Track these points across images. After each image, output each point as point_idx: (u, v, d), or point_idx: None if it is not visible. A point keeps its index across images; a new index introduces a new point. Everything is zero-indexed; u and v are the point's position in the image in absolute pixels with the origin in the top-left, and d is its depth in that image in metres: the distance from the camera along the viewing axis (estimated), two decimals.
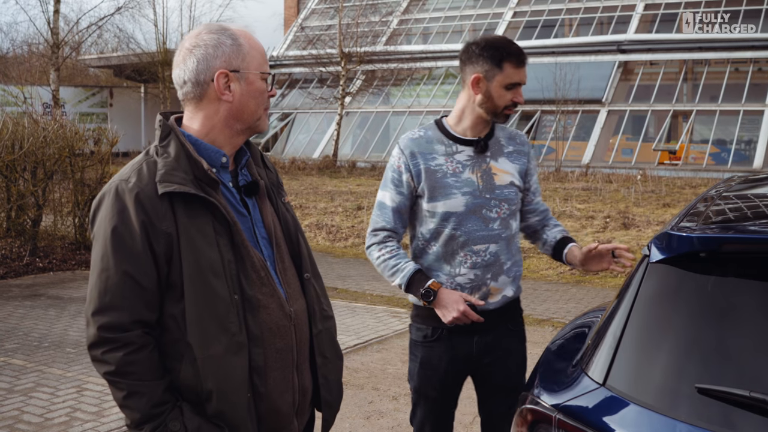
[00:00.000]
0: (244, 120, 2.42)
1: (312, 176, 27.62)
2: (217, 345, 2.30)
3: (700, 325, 2.24)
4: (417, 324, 3.48)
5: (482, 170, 3.35)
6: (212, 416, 2.33)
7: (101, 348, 2.27)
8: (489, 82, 3.31)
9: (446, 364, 3.40)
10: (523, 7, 34.52)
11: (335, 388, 2.66)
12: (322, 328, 2.59)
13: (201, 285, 2.29)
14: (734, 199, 2.99)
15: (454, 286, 3.32)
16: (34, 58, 41.78)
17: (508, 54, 3.30)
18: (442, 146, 3.36)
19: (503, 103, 3.32)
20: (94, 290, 2.29)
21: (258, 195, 2.52)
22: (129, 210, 2.27)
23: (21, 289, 9.98)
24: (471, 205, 3.30)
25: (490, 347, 3.40)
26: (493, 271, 3.35)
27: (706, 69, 29.29)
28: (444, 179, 3.31)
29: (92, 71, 48.51)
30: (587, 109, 29.53)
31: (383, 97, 34.61)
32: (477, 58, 3.32)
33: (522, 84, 3.36)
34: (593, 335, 2.57)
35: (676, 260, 2.34)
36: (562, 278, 10.77)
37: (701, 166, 26.72)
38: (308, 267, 2.59)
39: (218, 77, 2.35)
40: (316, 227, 14.87)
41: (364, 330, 8.11)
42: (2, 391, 6.08)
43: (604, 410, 2.24)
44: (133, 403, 2.28)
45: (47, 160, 11.41)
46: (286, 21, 45.55)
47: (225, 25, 2.42)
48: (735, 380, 2.09)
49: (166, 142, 2.38)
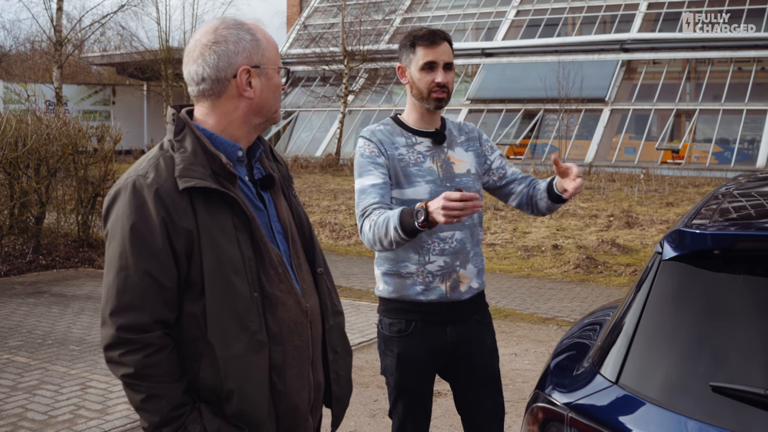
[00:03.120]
0: (263, 114, 2.38)
1: (315, 174, 27.62)
2: (238, 344, 2.25)
3: (714, 323, 2.22)
4: (389, 318, 3.45)
5: (441, 160, 3.42)
6: (232, 417, 2.28)
7: (120, 349, 2.21)
8: (410, 69, 3.39)
9: (425, 355, 3.41)
10: (526, 6, 34.49)
11: (345, 384, 2.63)
12: (333, 323, 2.56)
13: (222, 283, 2.24)
14: (745, 197, 2.96)
15: (425, 274, 3.34)
16: (36, 55, 41.79)
17: (419, 37, 3.36)
18: (402, 138, 3.42)
19: (424, 85, 3.34)
20: (112, 289, 2.23)
21: (273, 189, 2.48)
22: (149, 206, 2.20)
23: (24, 286, 9.97)
24: (434, 193, 3.29)
25: (463, 338, 3.43)
26: (461, 259, 3.37)
27: (710, 68, 29.26)
28: (407, 168, 3.36)
29: (95, 69, 48.54)
30: (590, 108, 29.51)
31: (386, 95, 34.60)
32: (399, 51, 3.46)
33: (438, 63, 3.34)
34: (605, 333, 2.55)
35: (689, 258, 2.32)
36: (566, 277, 10.74)
37: (704, 165, 26.69)
38: (321, 261, 2.57)
39: (241, 73, 2.30)
40: (319, 225, 14.85)
41: (369, 328, 8.09)
42: (6, 389, 6.07)
43: (617, 408, 2.22)
44: (152, 407, 2.22)
45: (50, 158, 11.38)
46: (288, 19, 45.54)
47: (240, 20, 2.36)
48: (749, 378, 2.07)
49: (181, 136, 2.32)
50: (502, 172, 3.57)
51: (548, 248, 12.43)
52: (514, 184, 3.56)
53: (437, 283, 3.34)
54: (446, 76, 3.35)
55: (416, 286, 3.36)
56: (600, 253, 12.00)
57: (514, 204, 3.58)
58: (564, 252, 12.15)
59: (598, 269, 11.02)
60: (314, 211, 16.76)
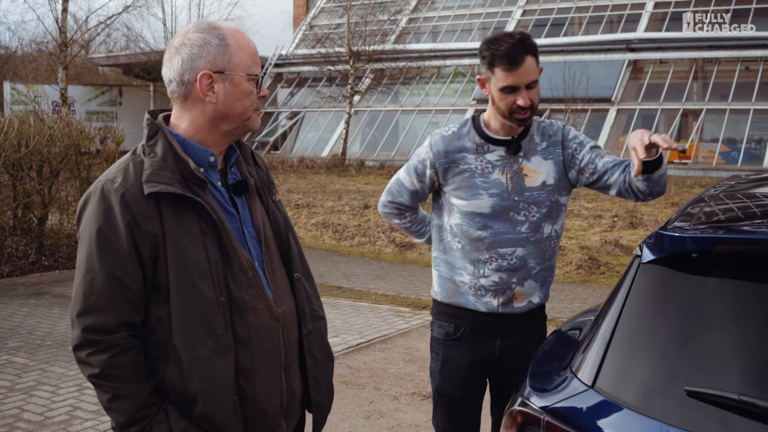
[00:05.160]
0: (230, 121, 2.37)
1: (320, 175, 27.62)
2: (202, 347, 2.27)
3: (691, 327, 2.20)
4: (439, 321, 3.39)
5: (512, 171, 3.20)
6: (198, 419, 2.30)
7: (86, 350, 2.25)
8: (489, 84, 3.16)
9: (468, 364, 3.31)
10: (533, 6, 34.48)
11: (325, 389, 2.63)
12: (312, 328, 2.56)
13: (187, 286, 2.26)
14: (731, 199, 2.94)
15: (477, 287, 3.23)
16: (42, 56, 41.88)
17: (499, 56, 3.08)
18: (473, 144, 3.23)
19: (505, 106, 3.11)
20: (79, 291, 2.27)
21: (247, 194, 2.48)
22: (114, 210, 2.24)
23: (26, 287, 9.99)
24: (498, 207, 3.18)
25: (512, 351, 3.30)
26: (519, 276, 3.22)
27: (716, 68, 29.20)
28: (472, 179, 3.19)
29: (101, 70, 48.63)
30: (596, 108, 29.46)
31: (392, 95, 34.60)
32: (481, 59, 3.18)
33: (519, 86, 3.09)
34: (584, 336, 2.54)
35: (668, 261, 2.31)
36: (568, 277, 10.73)
37: (711, 165, 26.63)
38: (298, 267, 2.56)
39: (201, 78, 2.31)
40: (322, 226, 14.84)
41: (368, 329, 8.08)
42: (3, 390, 6.08)
43: (592, 413, 2.20)
44: (117, 406, 2.26)
45: (53, 159, 11.41)
46: (295, 19, 45.60)
47: (216, 24, 2.36)
48: (725, 383, 2.05)
49: (153, 141, 2.34)
50: (593, 167, 3.23)
51: None
52: (607, 175, 3.21)
53: (489, 297, 3.23)
54: (530, 95, 3.10)
55: (468, 296, 3.26)
56: (603, 254, 11.98)
57: (614, 194, 3.23)
58: (567, 252, 12.12)
59: (601, 270, 11.00)
60: (318, 212, 16.75)
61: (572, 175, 3.28)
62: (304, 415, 2.69)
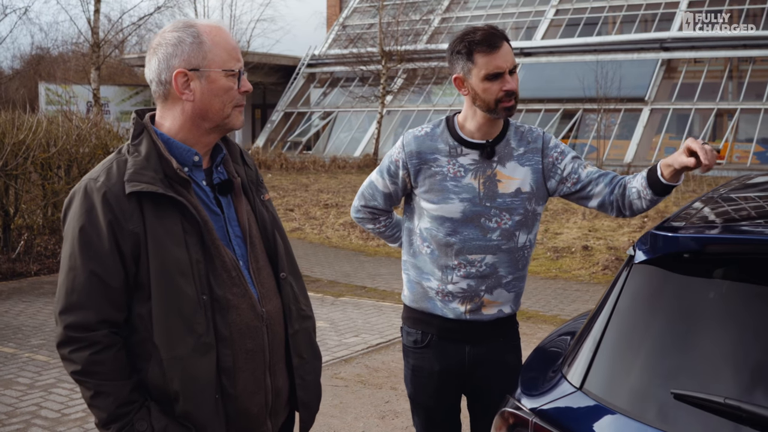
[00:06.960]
0: (210, 119, 2.37)
1: (351, 175, 27.64)
2: (183, 345, 2.28)
3: (680, 328, 2.17)
4: (407, 327, 3.32)
5: (486, 176, 3.08)
6: (179, 416, 2.31)
7: (68, 347, 2.27)
8: (470, 80, 3.03)
9: (438, 373, 3.22)
10: (566, 5, 34.25)
11: (312, 389, 2.62)
12: (299, 328, 2.55)
13: (167, 285, 2.27)
14: (729, 200, 2.89)
15: (445, 293, 3.13)
16: (75, 57, 42.29)
17: (476, 42, 2.96)
18: (446, 146, 3.11)
19: (492, 96, 2.98)
20: (62, 289, 2.30)
21: (233, 193, 2.48)
22: (96, 209, 2.26)
23: (53, 285, 10.07)
24: (469, 212, 3.06)
25: (483, 359, 3.19)
26: (489, 283, 3.11)
27: (751, 67, 28.81)
28: (443, 182, 3.08)
29: (136, 70, 49.06)
30: (630, 108, 29.20)
31: (424, 95, 34.53)
32: (452, 58, 3.07)
33: (503, 70, 2.97)
34: (575, 338, 2.51)
35: (660, 261, 2.28)
36: (594, 278, 10.64)
37: (745, 165, 26.28)
38: (285, 266, 2.55)
39: (176, 77, 2.32)
40: (350, 226, 14.84)
41: (389, 329, 8.06)
42: (23, 387, 6.14)
43: (579, 415, 2.18)
44: (99, 403, 2.28)
45: (82, 159, 11.52)
46: (328, 20, 45.67)
47: (191, 22, 2.37)
48: (713, 385, 2.02)
49: (138, 140, 2.36)
50: (576, 177, 3.13)
51: (578, 249, 12.30)
52: (591, 186, 3.12)
53: (456, 303, 3.13)
54: (514, 81, 2.99)
55: (435, 301, 3.17)
56: None
57: (594, 206, 3.15)
58: (594, 253, 12.02)
59: None
60: (346, 212, 16.74)
61: (551, 184, 3.17)
62: (292, 414, 2.69)
